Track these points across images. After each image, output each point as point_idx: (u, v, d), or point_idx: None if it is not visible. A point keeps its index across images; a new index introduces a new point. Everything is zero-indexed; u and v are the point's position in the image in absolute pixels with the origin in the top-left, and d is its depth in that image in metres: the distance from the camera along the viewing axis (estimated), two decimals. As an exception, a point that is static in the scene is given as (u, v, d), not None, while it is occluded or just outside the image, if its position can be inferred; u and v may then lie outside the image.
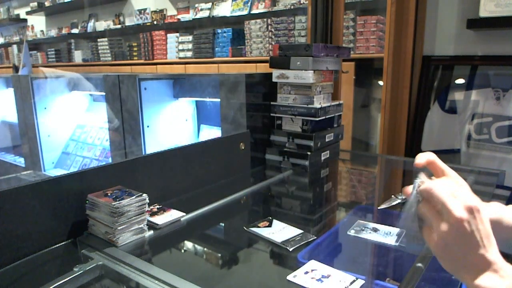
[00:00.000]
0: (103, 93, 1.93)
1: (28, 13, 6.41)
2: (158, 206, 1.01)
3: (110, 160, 2.17)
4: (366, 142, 2.88)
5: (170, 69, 4.31)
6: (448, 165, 0.61)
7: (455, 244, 0.51)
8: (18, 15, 6.97)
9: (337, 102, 1.59)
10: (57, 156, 2.44)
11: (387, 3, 1.97)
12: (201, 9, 4.13)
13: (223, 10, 3.95)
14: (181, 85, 1.92)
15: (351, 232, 0.92)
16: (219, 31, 3.90)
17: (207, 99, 1.87)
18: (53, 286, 0.70)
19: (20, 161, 2.52)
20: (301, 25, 3.33)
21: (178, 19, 4.32)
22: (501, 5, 1.74)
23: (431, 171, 0.61)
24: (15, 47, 7.00)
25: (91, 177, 0.92)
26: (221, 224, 1.09)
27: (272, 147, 1.54)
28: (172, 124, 1.96)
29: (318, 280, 0.70)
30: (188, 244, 0.94)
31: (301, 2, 3.38)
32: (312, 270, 0.74)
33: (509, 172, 1.59)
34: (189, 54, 4.16)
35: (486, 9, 1.78)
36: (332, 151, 1.59)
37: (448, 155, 2.03)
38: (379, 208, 1.08)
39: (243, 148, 1.40)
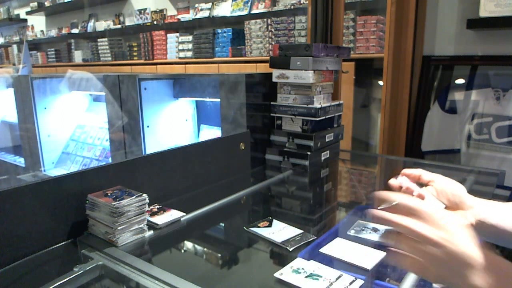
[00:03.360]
0: (103, 93, 1.93)
1: (28, 13, 6.40)
2: (158, 206, 1.01)
3: (110, 160, 2.17)
4: (366, 142, 2.88)
5: (170, 69, 4.31)
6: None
7: None
8: (18, 15, 6.97)
9: (337, 102, 1.59)
10: (57, 156, 2.44)
11: (387, 3, 1.97)
12: (201, 9, 4.13)
13: (223, 10, 3.95)
14: (181, 85, 1.92)
15: (351, 232, 0.92)
16: (219, 31, 3.90)
17: (207, 99, 1.87)
18: (53, 286, 0.70)
19: (20, 161, 2.52)
20: (301, 25, 3.33)
21: (178, 19, 4.32)
22: (501, 5, 1.74)
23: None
24: (15, 47, 7.00)
25: (91, 177, 0.92)
26: (221, 224, 1.09)
27: (272, 147, 1.54)
28: (172, 124, 1.96)
29: (318, 280, 0.70)
30: (188, 244, 0.94)
31: (301, 2, 3.38)
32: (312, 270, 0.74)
33: (509, 172, 1.60)
34: (189, 54, 4.16)
35: (486, 9, 1.78)
36: (332, 151, 1.59)
37: (448, 155, 2.03)
38: (379, 208, 1.08)
39: (243, 148, 1.40)
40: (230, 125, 1.48)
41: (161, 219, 0.94)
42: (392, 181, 0.65)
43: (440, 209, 0.60)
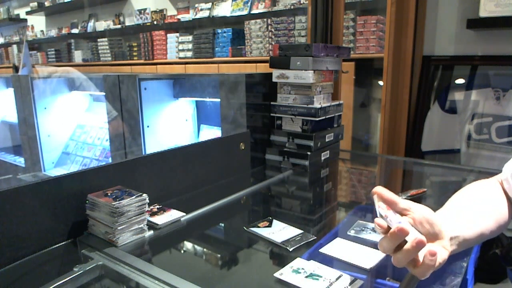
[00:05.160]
0: (103, 93, 1.94)
1: (28, 13, 6.40)
2: (158, 206, 1.01)
3: (110, 160, 2.17)
4: (366, 142, 2.88)
5: (170, 69, 4.31)
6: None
7: None
8: (18, 15, 6.96)
9: (337, 102, 1.59)
10: (57, 156, 2.44)
11: (387, 3, 1.97)
12: (201, 9, 4.13)
13: (223, 10, 3.95)
14: (181, 85, 1.92)
15: (351, 232, 0.92)
16: (219, 31, 3.90)
17: (207, 99, 1.87)
18: (53, 286, 0.70)
19: (20, 161, 2.52)
20: (301, 25, 3.33)
21: (178, 19, 4.32)
22: (501, 5, 1.74)
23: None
24: (15, 47, 7.00)
25: (91, 177, 0.92)
26: (221, 224, 1.09)
27: (272, 147, 1.54)
28: (172, 124, 1.96)
29: (318, 280, 0.70)
30: (188, 244, 0.94)
31: (301, 2, 3.38)
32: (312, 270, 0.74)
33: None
34: (189, 54, 4.16)
35: (486, 9, 1.78)
36: (332, 151, 1.59)
37: (448, 155, 2.03)
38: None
39: (243, 148, 1.40)
40: (230, 125, 1.48)
41: (161, 219, 0.94)
42: (379, 221, 0.61)
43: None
